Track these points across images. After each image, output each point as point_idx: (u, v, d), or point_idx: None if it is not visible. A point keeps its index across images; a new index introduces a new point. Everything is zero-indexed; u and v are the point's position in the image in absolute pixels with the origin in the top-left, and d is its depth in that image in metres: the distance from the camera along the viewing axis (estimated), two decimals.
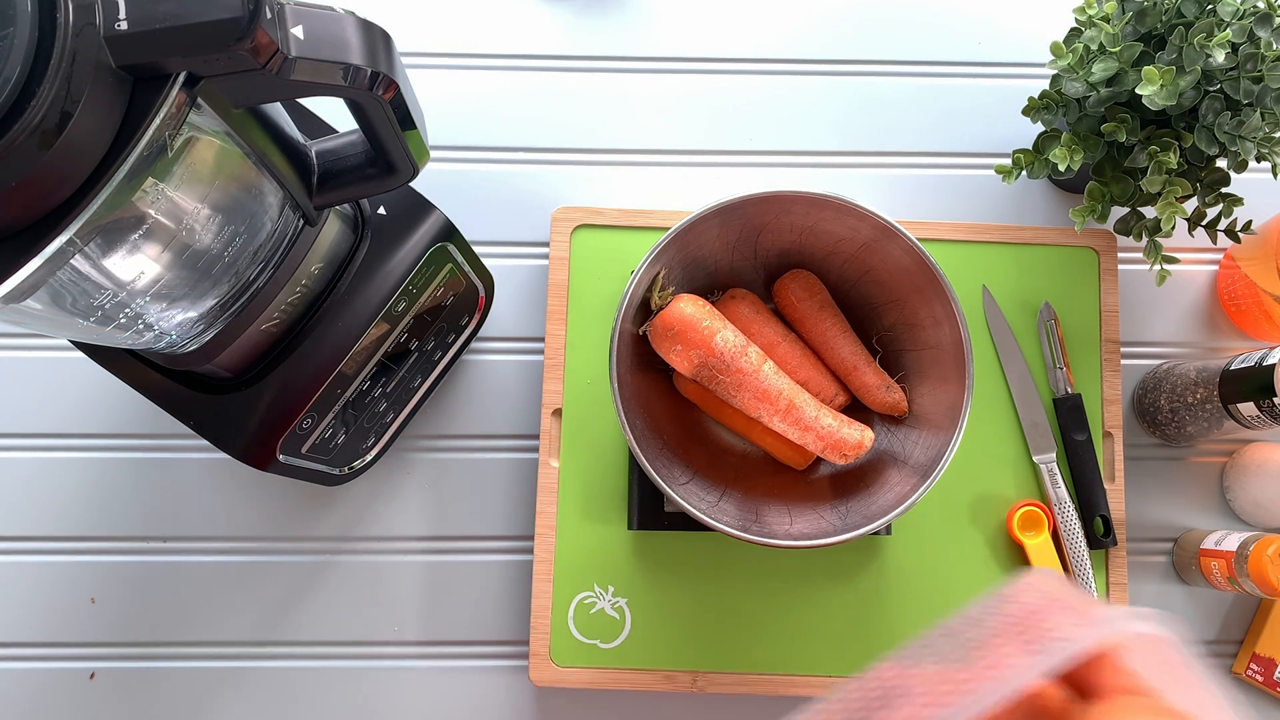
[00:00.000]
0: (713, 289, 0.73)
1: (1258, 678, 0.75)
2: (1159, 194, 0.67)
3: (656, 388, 0.72)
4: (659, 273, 0.67)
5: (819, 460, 0.73)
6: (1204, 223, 0.70)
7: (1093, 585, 0.74)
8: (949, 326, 0.66)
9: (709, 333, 0.66)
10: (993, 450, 0.77)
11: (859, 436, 0.68)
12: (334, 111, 0.60)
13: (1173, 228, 0.66)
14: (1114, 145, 0.69)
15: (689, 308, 0.67)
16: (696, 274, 0.71)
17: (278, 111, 0.53)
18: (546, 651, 0.74)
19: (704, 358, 0.67)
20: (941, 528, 0.76)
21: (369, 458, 0.73)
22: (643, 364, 0.70)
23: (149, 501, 0.77)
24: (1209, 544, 0.74)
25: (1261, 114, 0.64)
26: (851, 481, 0.70)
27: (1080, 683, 0.34)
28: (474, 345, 0.79)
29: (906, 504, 0.63)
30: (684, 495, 0.64)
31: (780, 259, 0.73)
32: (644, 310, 0.68)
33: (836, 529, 0.64)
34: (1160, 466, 0.79)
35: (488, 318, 0.76)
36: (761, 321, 0.72)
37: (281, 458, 0.64)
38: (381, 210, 0.65)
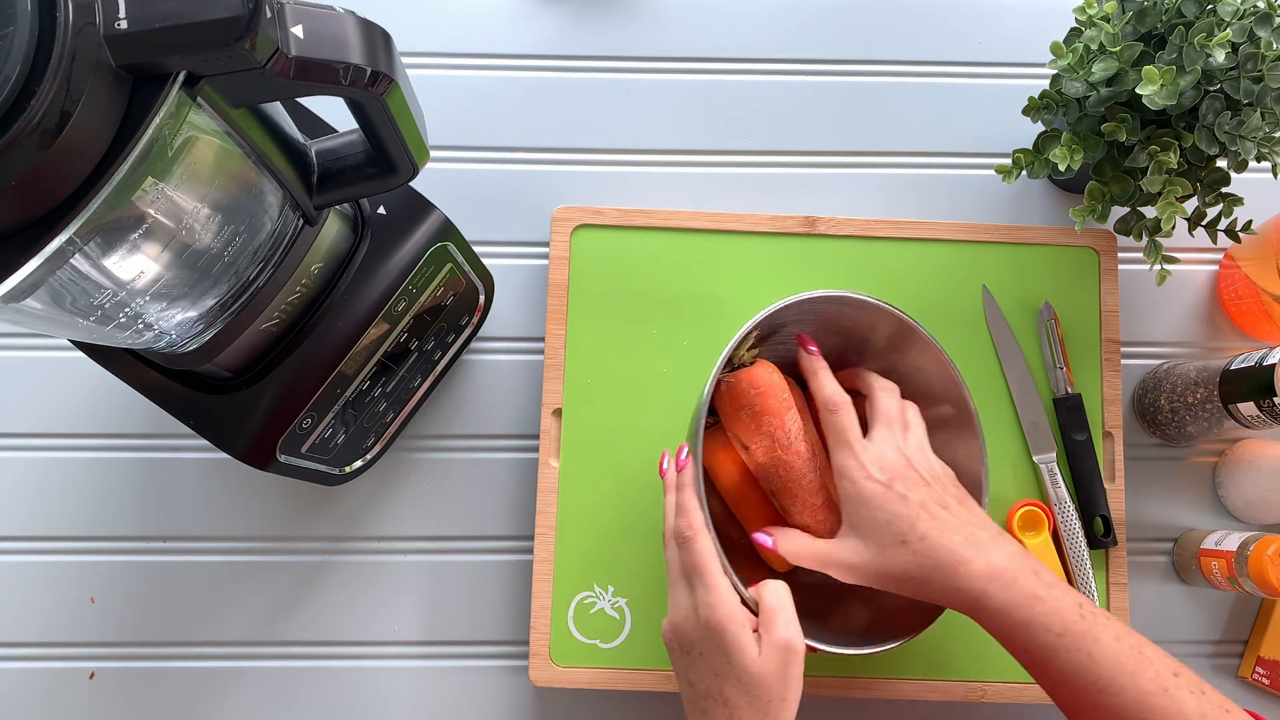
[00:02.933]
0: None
1: (1264, 680, 0.74)
2: (1159, 194, 0.67)
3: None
4: (758, 334, 0.63)
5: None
6: (1204, 223, 0.70)
7: (1093, 585, 0.74)
8: None
9: (784, 406, 0.64)
10: (993, 450, 0.77)
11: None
12: (334, 111, 0.60)
13: (1173, 228, 0.66)
14: (1114, 145, 0.69)
15: (774, 375, 0.64)
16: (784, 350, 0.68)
17: (278, 111, 0.53)
18: (546, 651, 0.74)
19: (772, 429, 0.63)
20: None
21: (369, 458, 0.73)
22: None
23: (149, 501, 0.77)
24: (1209, 544, 0.74)
25: (1261, 114, 0.64)
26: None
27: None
28: (474, 345, 0.79)
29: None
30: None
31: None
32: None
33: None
34: (1160, 466, 0.79)
35: (488, 317, 0.76)
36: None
37: (281, 458, 0.64)
38: (381, 210, 0.65)
